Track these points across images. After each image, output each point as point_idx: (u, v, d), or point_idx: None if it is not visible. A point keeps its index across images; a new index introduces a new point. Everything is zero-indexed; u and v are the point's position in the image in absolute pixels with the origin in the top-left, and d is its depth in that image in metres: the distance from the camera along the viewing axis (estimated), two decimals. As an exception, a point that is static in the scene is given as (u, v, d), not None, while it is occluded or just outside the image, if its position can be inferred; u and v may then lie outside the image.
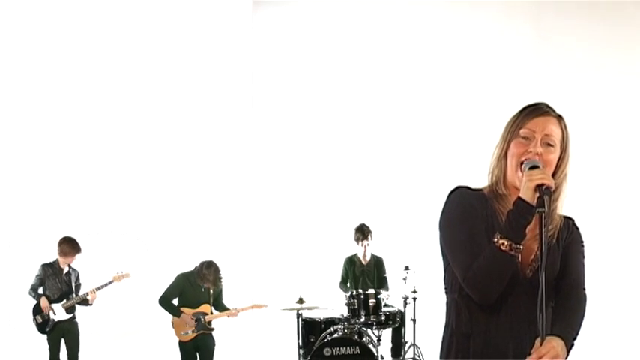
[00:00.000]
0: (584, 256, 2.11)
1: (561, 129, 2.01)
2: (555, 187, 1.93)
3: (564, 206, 2.10)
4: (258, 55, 8.21)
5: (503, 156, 2.02)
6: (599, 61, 7.65)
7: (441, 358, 2.10)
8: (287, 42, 8.22)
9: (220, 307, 6.15)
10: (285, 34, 8.23)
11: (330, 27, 8.15)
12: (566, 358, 1.87)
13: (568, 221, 2.12)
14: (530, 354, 1.83)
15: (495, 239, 1.88)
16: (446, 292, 2.12)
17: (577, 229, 2.13)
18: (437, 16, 8.03)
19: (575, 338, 1.92)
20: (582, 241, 2.13)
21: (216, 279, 5.97)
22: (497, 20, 7.92)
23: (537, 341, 1.82)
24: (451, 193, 2.08)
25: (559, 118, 2.03)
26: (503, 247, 1.86)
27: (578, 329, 1.94)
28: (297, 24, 8.23)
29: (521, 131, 1.98)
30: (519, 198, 1.86)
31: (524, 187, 1.85)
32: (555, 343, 1.83)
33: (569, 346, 1.87)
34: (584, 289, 2.05)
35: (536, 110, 2.00)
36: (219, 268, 6.01)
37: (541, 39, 7.78)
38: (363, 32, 8.09)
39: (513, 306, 1.96)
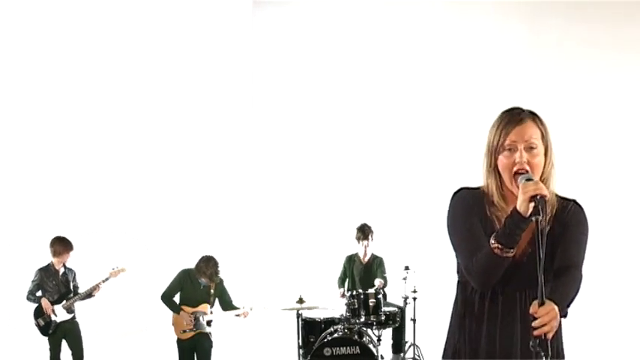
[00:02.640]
0: (585, 235, 2.19)
1: (538, 127, 2.13)
2: (545, 178, 2.13)
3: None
4: (258, 55, 8.22)
5: (493, 168, 2.16)
6: (594, 62, 7.65)
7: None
8: (287, 42, 8.23)
9: (229, 306, 6.15)
10: (285, 34, 8.24)
11: (330, 27, 8.16)
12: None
13: (567, 203, 2.21)
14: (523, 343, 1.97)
15: (492, 241, 2.06)
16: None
17: (579, 208, 2.22)
18: (434, 17, 8.05)
19: (565, 311, 2.04)
20: (584, 220, 2.20)
21: (213, 274, 5.96)
22: (493, 21, 7.94)
23: (535, 303, 1.90)
24: (454, 194, 2.27)
25: (533, 118, 2.15)
26: (496, 251, 2.04)
27: (570, 303, 2.06)
28: (297, 24, 8.23)
29: (505, 144, 2.11)
30: (515, 209, 2.01)
31: (520, 199, 2.00)
32: (552, 306, 1.90)
33: (560, 316, 1.97)
34: (580, 268, 2.14)
35: (511, 121, 2.12)
36: (218, 264, 6.01)
37: (536, 39, 7.79)
38: (362, 33, 8.10)
39: (506, 291, 2.15)
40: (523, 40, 7.84)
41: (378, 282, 6.52)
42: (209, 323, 6.05)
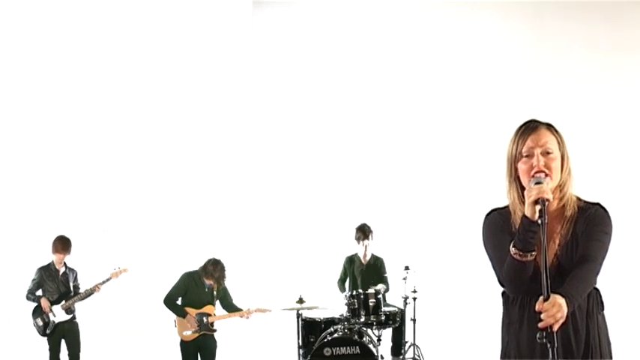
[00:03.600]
0: (607, 234, 2.26)
1: (554, 135, 2.27)
2: (563, 183, 2.25)
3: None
4: (258, 55, 8.22)
5: (514, 178, 2.30)
6: (598, 64, 7.67)
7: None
8: (287, 42, 8.23)
9: (231, 307, 6.15)
10: (285, 35, 8.24)
11: (330, 28, 8.16)
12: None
13: (591, 206, 2.31)
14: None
15: (511, 248, 2.21)
16: None
17: (603, 209, 2.29)
18: (436, 18, 8.06)
19: (578, 302, 2.12)
20: (608, 221, 2.27)
21: (221, 277, 5.98)
22: (496, 23, 7.95)
23: (540, 299, 2.00)
24: (485, 217, 2.44)
25: (549, 126, 2.29)
26: (516, 257, 2.19)
27: (582, 295, 2.15)
28: (297, 24, 8.24)
29: (523, 151, 2.25)
30: (523, 215, 2.16)
31: (526, 203, 2.15)
32: (559, 300, 1.99)
33: (570, 308, 2.04)
34: (596, 263, 2.21)
35: (527, 129, 2.27)
36: (225, 268, 6.02)
37: (539, 41, 7.80)
38: (362, 33, 8.11)
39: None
40: (526, 42, 7.84)
41: (380, 286, 6.49)
42: (212, 324, 6.06)
